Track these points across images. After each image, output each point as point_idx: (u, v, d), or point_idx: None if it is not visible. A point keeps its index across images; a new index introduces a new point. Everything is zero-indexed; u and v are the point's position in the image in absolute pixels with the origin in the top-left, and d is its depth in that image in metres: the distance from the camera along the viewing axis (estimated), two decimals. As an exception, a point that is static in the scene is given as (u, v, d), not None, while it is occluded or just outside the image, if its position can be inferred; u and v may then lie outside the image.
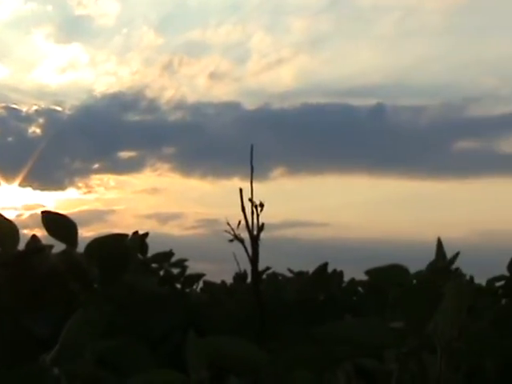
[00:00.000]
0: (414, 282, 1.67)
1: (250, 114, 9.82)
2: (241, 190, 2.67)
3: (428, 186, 9.45)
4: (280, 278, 3.23)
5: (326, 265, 3.21)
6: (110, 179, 9.59)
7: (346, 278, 3.30)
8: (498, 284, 3.23)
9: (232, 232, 2.64)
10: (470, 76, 10.32)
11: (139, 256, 2.78)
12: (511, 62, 10.10)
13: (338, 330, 1.42)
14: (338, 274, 3.26)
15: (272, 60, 10.45)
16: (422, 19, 10.18)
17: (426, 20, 10.21)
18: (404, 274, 1.66)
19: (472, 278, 3.16)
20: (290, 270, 3.30)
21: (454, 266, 2.01)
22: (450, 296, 1.50)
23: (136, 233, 2.65)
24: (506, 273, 3.24)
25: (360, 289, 3.28)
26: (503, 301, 3.19)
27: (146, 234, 2.82)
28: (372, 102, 10.00)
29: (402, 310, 1.47)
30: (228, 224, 2.64)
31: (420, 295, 1.46)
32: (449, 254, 1.92)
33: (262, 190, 2.92)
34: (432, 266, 1.77)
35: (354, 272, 3.31)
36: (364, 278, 3.27)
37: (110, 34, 10.72)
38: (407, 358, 1.51)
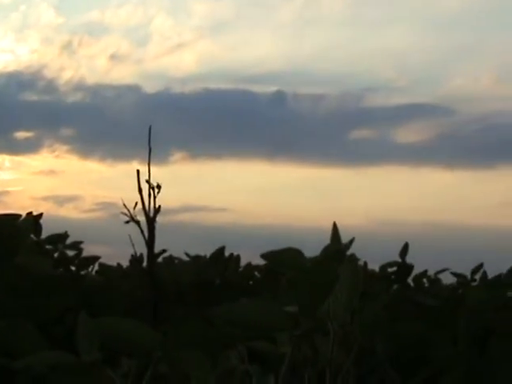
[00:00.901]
0: (309, 265, 1.68)
1: (150, 97, 9.73)
2: (138, 172, 2.65)
3: (326, 174, 9.58)
4: (176, 261, 3.22)
5: (222, 249, 3.22)
6: (6, 160, 9.36)
7: (244, 263, 3.32)
8: (391, 270, 3.31)
9: (129, 214, 2.62)
10: (368, 66, 10.47)
11: (33, 237, 2.73)
12: (408, 53, 10.32)
13: (231, 312, 1.42)
14: (235, 259, 3.28)
15: (173, 44, 10.37)
16: (322, 8, 10.26)
17: (326, 9, 10.31)
18: (299, 258, 1.67)
19: (366, 264, 3.22)
20: (187, 254, 3.29)
21: (349, 252, 2.03)
22: (344, 279, 1.52)
23: (30, 213, 2.59)
24: (399, 259, 3.32)
25: (256, 273, 3.30)
26: (395, 286, 3.26)
27: (40, 215, 2.76)
28: (272, 88, 10.04)
29: (296, 293, 1.48)
30: (124, 206, 2.61)
31: (313, 278, 1.47)
32: (345, 241, 1.94)
33: (161, 174, 2.90)
34: (327, 250, 1.78)
35: (251, 257, 3.34)
36: (261, 263, 3.30)
37: (7, 10, 10.45)
38: (300, 340, 1.52)
